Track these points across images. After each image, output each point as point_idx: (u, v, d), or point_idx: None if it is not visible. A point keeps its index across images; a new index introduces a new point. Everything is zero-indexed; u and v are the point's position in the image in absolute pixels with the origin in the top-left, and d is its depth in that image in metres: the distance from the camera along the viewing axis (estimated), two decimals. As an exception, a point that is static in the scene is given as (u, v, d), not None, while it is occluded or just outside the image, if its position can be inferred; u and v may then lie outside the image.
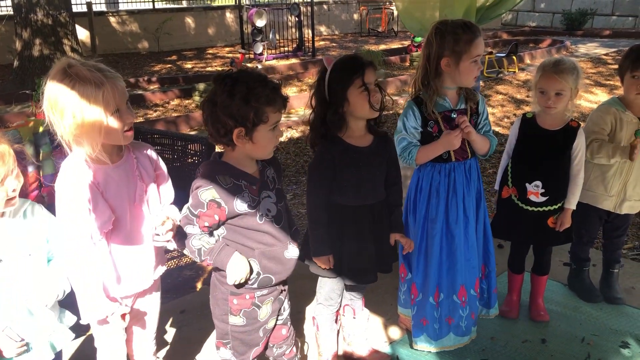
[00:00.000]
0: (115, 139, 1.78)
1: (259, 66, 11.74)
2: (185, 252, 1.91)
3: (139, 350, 2.13)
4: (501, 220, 2.84)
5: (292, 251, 1.98)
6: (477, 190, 2.56)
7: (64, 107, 1.68)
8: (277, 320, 2.08)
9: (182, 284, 3.49)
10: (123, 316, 1.86)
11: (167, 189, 2.01)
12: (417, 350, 2.64)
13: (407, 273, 2.66)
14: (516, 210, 2.76)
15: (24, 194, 2.55)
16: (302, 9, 13.43)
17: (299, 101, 8.20)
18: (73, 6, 11.23)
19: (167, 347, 2.75)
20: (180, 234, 1.90)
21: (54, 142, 3.12)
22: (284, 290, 2.08)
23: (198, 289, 3.45)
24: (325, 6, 17.63)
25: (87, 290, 1.80)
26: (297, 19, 13.46)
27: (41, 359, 1.84)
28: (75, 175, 1.77)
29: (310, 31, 13.75)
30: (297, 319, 2.24)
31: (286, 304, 2.11)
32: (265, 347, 2.10)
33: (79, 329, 2.01)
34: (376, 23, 17.75)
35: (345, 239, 2.27)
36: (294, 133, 7.19)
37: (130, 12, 14.54)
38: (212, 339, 2.69)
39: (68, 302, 1.94)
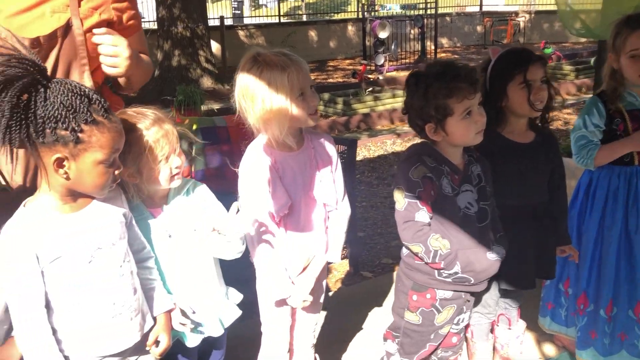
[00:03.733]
0: (302, 122, 1.81)
1: (380, 77, 11.75)
2: (415, 248, 1.84)
3: (300, 339, 2.13)
4: None
5: (495, 253, 1.87)
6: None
7: (254, 93, 1.75)
8: (451, 327, 2.01)
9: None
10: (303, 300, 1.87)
11: (339, 181, 2.00)
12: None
13: (572, 287, 2.47)
14: None
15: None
16: (425, 20, 13.31)
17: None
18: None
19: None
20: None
21: (208, 138, 3.30)
22: (469, 301, 1.99)
23: (336, 290, 3.45)
24: (447, 18, 17.35)
25: (270, 269, 1.85)
26: (420, 30, 13.34)
27: (212, 333, 1.88)
28: (257, 158, 1.83)
29: (431, 43, 13.57)
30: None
31: (467, 316, 2.03)
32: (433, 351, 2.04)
33: (249, 311, 2.04)
34: (501, 35, 17.13)
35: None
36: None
37: (258, 26, 15.20)
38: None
39: (232, 279, 1.99)
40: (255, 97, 1.75)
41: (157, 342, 1.72)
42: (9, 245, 1.45)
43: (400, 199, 1.84)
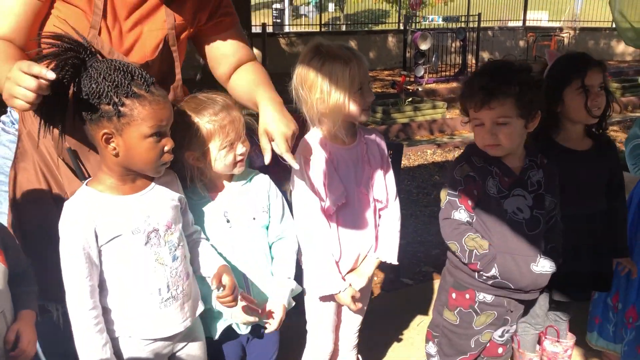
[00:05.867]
0: (355, 117, 1.81)
1: (419, 89, 11.70)
2: (452, 246, 1.83)
3: (344, 340, 2.11)
4: None
5: (543, 265, 1.80)
6: None
7: (313, 82, 1.75)
8: (493, 336, 1.95)
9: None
10: (353, 298, 1.85)
11: (390, 180, 1.98)
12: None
13: (621, 301, 2.39)
14: None
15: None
16: (467, 33, 13.21)
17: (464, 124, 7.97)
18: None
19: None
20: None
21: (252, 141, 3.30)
22: (513, 311, 1.92)
23: (376, 294, 3.41)
24: (490, 32, 17.18)
25: (318, 262, 1.83)
26: (461, 43, 13.25)
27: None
28: (312, 150, 1.82)
29: (472, 56, 13.46)
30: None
31: (512, 328, 1.98)
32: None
33: (295, 308, 2.02)
34: (543, 51, 16.85)
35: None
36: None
37: (298, 35, 15.31)
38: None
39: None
40: (313, 87, 1.75)
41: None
42: (69, 222, 1.48)
43: (443, 197, 1.86)
